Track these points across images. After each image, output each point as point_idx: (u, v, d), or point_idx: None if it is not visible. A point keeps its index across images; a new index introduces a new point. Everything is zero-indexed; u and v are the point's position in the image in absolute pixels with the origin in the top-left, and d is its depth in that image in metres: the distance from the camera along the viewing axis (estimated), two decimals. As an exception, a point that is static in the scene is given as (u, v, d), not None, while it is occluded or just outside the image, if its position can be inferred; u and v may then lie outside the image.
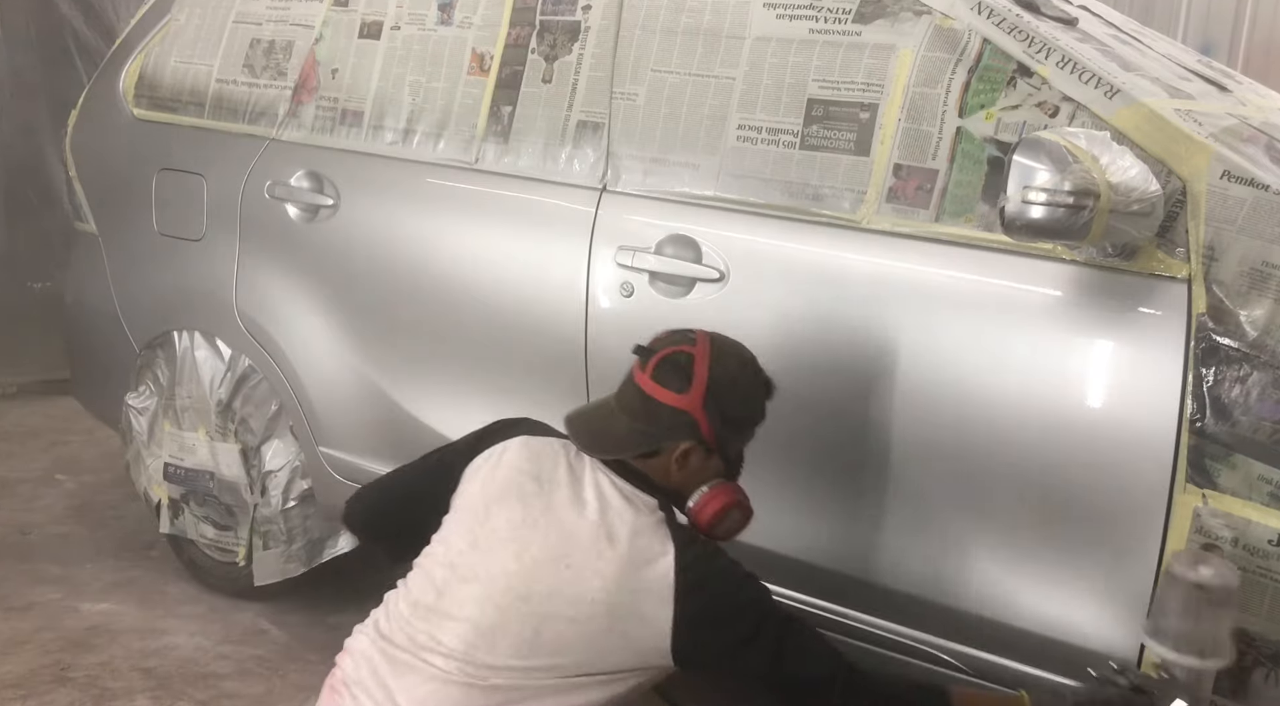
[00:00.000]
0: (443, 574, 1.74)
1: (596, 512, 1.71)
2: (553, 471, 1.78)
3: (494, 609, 1.67)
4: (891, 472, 2.03)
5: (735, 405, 1.80)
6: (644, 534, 1.70)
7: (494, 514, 1.75)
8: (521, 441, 1.83)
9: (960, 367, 1.94)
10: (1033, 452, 1.88)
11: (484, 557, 1.71)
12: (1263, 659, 1.69)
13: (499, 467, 1.80)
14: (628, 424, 1.79)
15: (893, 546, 2.04)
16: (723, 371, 1.78)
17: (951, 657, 1.99)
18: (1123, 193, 1.68)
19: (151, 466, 3.12)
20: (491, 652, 1.65)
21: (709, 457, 1.80)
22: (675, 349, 1.79)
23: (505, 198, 2.50)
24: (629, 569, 1.66)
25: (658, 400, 1.77)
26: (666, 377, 1.77)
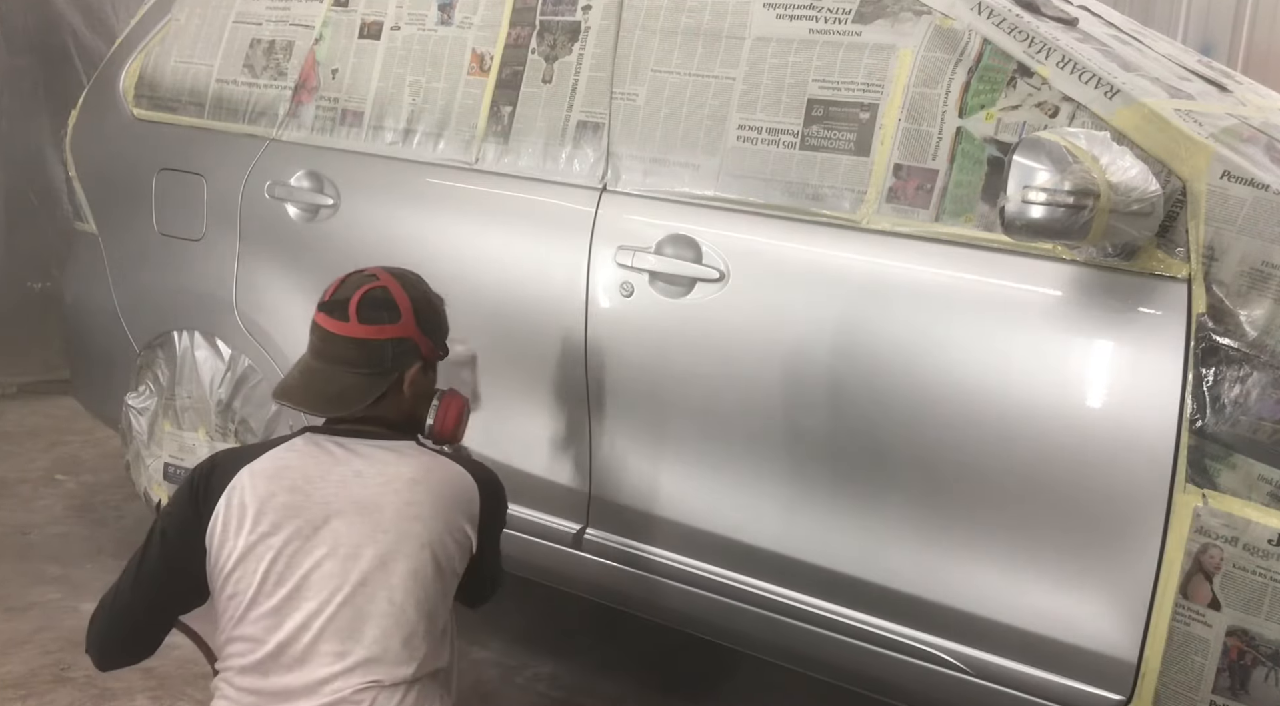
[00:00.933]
0: (268, 624, 1.69)
1: (378, 472, 1.77)
2: (302, 470, 1.76)
3: (346, 612, 1.68)
4: (891, 472, 2.03)
5: (436, 316, 1.94)
6: (433, 467, 1.81)
7: (277, 539, 1.71)
8: (247, 471, 1.75)
9: (960, 367, 1.94)
10: (1032, 452, 1.88)
11: (299, 580, 1.70)
12: (1263, 659, 1.69)
13: (246, 506, 1.72)
14: (352, 375, 1.82)
15: (891, 546, 2.04)
16: (415, 291, 1.90)
17: (950, 657, 1.99)
18: (1123, 193, 1.68)
19: (151, 466, 3.12)
20: (367, 649, 1.68)
21: (427, 373, 1.92)
22: (366, 288, 1.84)
23: (505, 198, 2.50)
24: (440, 500, 1.77)
25: (376, 339, 1.82)
26: (375, 315, 1.83)
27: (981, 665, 1.96)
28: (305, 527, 1.72)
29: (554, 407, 2.43)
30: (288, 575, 1.71)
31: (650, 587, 2.35)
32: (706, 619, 2.32)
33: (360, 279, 1.87)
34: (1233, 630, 1.70)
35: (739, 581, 2.23)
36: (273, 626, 1.70)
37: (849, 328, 2.05)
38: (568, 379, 2.38)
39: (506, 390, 2.48)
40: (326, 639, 1.69)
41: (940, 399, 1.95)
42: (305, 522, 1.72)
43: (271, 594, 1.71)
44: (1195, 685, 1.74)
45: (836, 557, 2.10)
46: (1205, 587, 1.73)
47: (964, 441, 1.94)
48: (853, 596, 2.10)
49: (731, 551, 2.23)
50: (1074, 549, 1.86)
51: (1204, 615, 1.73)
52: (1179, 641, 1.76)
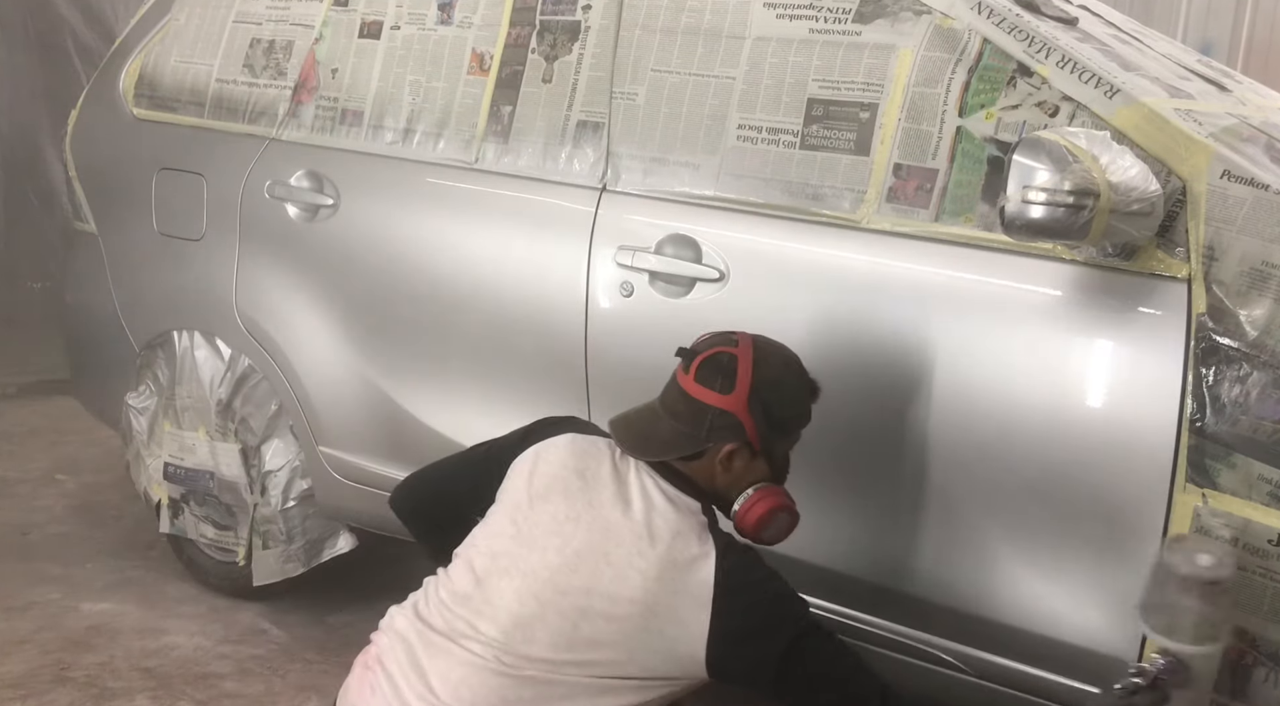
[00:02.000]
0: (484, 563, 1.75)
1: (640, 511, 1.71)
2: (597, 469, 1.78)
3: (533, 601, 1.68)
4: (891, 472, 2.03)
5: (779, 406, 1.79)
6: (685, 535, 1.69)
7: (537, 508, 1.76)
8: (568, 439, 1.84)
9: (960, 367, 1.94)
10: (1032, 452, 1.87)
11: (526, 550, 1.72)
12: (1263, 658, 1.69)
13: (544, 463, 1.81)
14: (671, 425, 1.78)
15: (891, 546, 2.04)
16: (767, 371, 1.77)
17: (953, 658, 1.99)
18: (1123, 192, 1.68)
19: (151, 466, 3.12)
20: (528, 644, 1.66)
21: (754, 460, 1.79)
22: (718, 350, 1.79)
23: (505, 197, 2.50)
24: (668, 569, 1.66)
25: (701, 401, 1.76)
26: (710, 378, 1.76)
27: (981, 665, 1.96)
28: (559, 513, 1.73)
29: (554, 407, 2.42)
30: (524, 539, 1.73)
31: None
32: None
33: (721, 338, 1.82)
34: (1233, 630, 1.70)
35: (739, 581, 2.23)
36: (487, 569, 1.73)
37: (849, 327, 2.05)
38: (568, 379, 2.38)
39: (506, 390, 2.48)
40: (504, 612, 1.68)
41: (940, 398, 1.95)
42: (560, 509, 1.74)
43: (505, 544, 1.74)
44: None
45: (835, 557, 2.10)
46: (1205, 587, 1.72)
47: (964, 441, 1.94)
48: (853, 596, 2.09)
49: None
50: (1074, 548, 1.86)
51: (1204, 615, 1.73)
52: (1179, 641, 1.75)
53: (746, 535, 1.79)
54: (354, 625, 2.94)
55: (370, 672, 1.75)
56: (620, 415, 1.86)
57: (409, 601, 1.82)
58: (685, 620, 1.64)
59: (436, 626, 1.73)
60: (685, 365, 1.80)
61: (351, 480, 2.75)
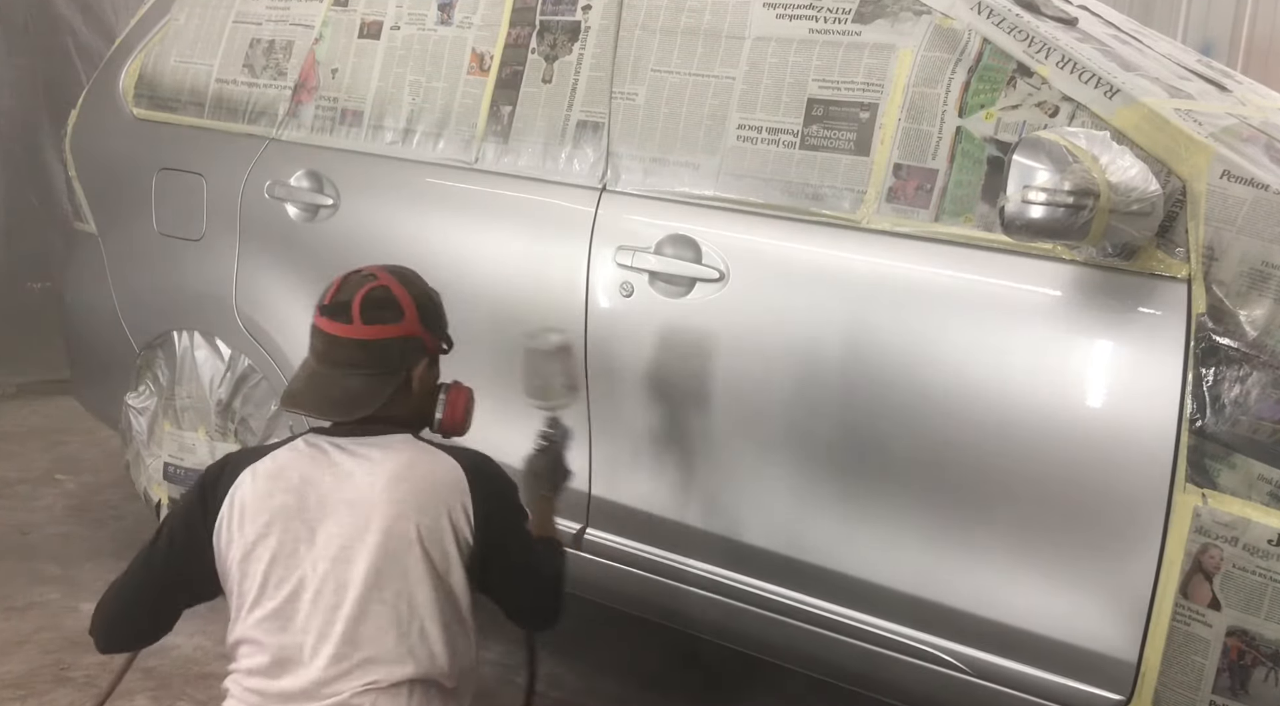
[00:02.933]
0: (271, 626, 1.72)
1: (367, 472, 1.75)
2: (301, 473, 1.76)
3: (342, 614, 1.69)
4: (890, 472, 2.03)
5: (436, 309, 1.92)
6: (419, 462, 1.78)
7: (275, 543, 1.72)
8: (248, 473, 1.77)
9: (960, 367, 1.94)
10: (1032, 452, 1.87)
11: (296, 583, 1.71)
12: (1262, 659, 1.69)
13: (247, 508, 1.74)
14: (362, 377, 1.80)
15: (892, 545, 2.04)
16: (414, 287, 1.88)
17: (951, 657, 1.99)
18: (1123, 192, 1.68)
19: (151, 466, 3.12)
20: (369, 648, 1.68)
21: (431, 367, 1.91)
22: (366, 289, 1.82)
23: (505, 197, 2.50)
24: (427, 494, 1.74)
25: (381, 339, 1.81)
26: (379, 315, 1.81)
27: (981, 665, 1.96)
28: (302, 529, 1.72)
29: (554, 407, 2.43)
30: (287, 577, 1.72)
31: (650, 588, 2.35)
32: (707, 619, 2.32)
33: (359, 279, 1.85)
34: (1233, 630, 1.70)
35: (739, 581, 2.23)
36: (274, 628, 1.71)
37: (849, 327, 2.05)
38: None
39: (506, 390, 2.48)
40: (324, 641, 1.69)
41: (940, 398, 1.95)
42: (302, 524, 1.73)
43: (273, 596, 1.72)
44: (1195, 685, 1.74)
45: (836, 557, 2.10)
46: (1205, 587, 1.73)
47: (964, 441, 1.94)
48: (853, 596, 2.10)
49: (731, 551, 2.23)
50: (1074, 548, 1.86)
51: (1204, 615, 1.73)
52: (1179, 641, 1.75)
53: (455, 432, 1.95)
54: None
55: None
56: (293, 392, 1.82)
57: None
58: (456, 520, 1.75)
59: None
60: (339, 316, 1.80)
61: (351, 480, 2.74)
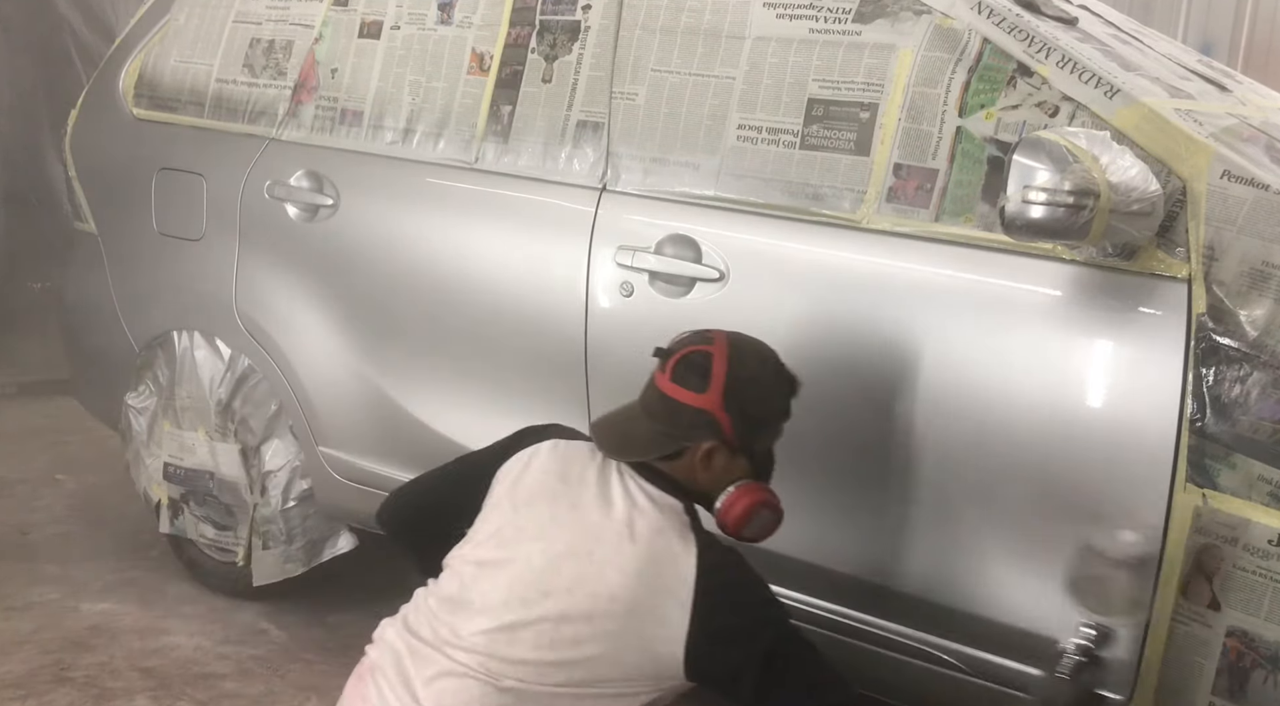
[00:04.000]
0: (470, 571, 1.76)
1: (622, 511, 1.71)
2: (581, 472, 1.79)
3: (518, 603, 1.68)
4: (890, 472, 2.03)
5: (756, 403, 1.78)
6: (666, 533, 1.69)
7: (521, 514, 1.77)
8: (551, 445, 1.85)
9: (960, 368, 1.94)
10: (1032, 452, 1.87)
11: (510, 555, 1.73)
12: (1262, 659, 1.69)
13: (528, 471, 1.82)
14: (649, 426, 1.79)
15: (890, 546, 2.04)
16: (741, 369, 1.77)
17: (951, 657, 1.99)
18: (1123, 192, 1.68)
19: (151, 466, 3.12)
20: (511, 646, 1.66)
21: (734, 458, 1.78)
22: (693, 349, 1.79)
23: (505, 197, 2.50)
24: (649, 566, 1.65)
25: (677, 400, 1.76)
26: (685, 377, 1.76)
27: (981, 665, 1.96)
28: (546, 517, 1.74)
29: (553, 408, 2.42)
30: (507, 544, 1.74)
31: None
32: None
33: (697, 337, 1.82)
34: (1233, 630, 1.70)
35: (739, 581, 2.23)
36: (472, 576, 1.74)
37: (849, 327, 2.05)
38: (567, 379, 2.38)
39: (506, 390, 2.48)
40: (490, 619, 1.68)
41: (940, 398, 1.95)
42: (550, 513, 1.74)
43: (490, 550, 1.76)
44: (1195, 685, 1.74)
45: (835, 557, 2.10)
46: (1205, 588, 1.73)
47: (963, 441, 1.94)
48: (852, 596, 2.09)
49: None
50: (1074, 548, 1.86)
51: (1204, 615, 1.73)
52: (1179, 641, 1.75)
53: (729, 533, 1.79)
54: (354, 625, 2.94)
55: (361, 683, 1.76)
56: (601, 417, 1.87)
57: (400, 612, 1.82)
58: (665, 618, 1.63)
59: (424, 636, 1.73)
60: (662, 365, 1.81)
61: (351, 480, 2.74)
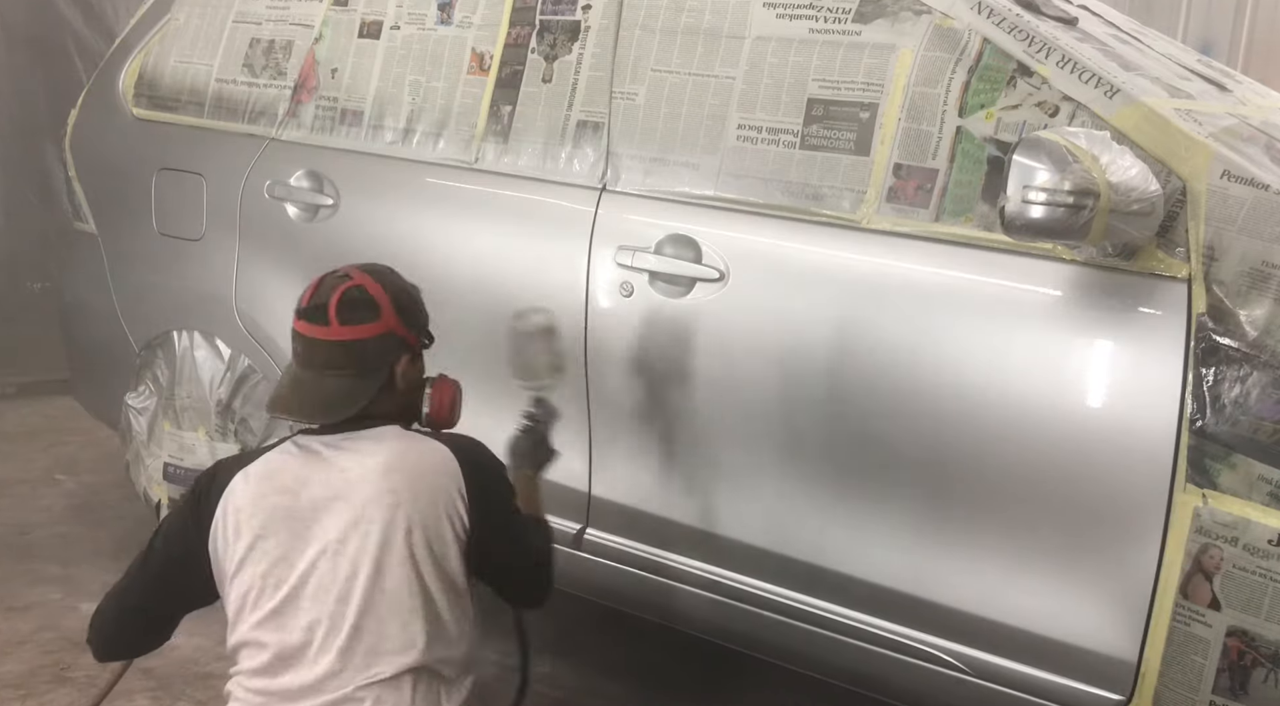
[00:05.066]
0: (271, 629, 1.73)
1: (358, 464, 1.75)
2: (294, 474, 1.77)
3: (346, 608, 1.69)
4: (891, 472, 2.03)
5: (414, 305, 1.91)
6: (408, 450, 1.79)
7: (270, 544, 1.73)
8: (239, 477, 1.78)
9: (960, 367, 1.94)
10: (1032, 452, 1.87)
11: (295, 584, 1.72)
12: (1262, 659, 1.69)
13: (241, 512, 1.75)
14: (344, 378, 1.81)
15: (891, 546, 2.04)
16: (391, 285, 1.87)
17: (951, 657, 1.99)
18: (1123, 192, 1.68)
19: (151, 466, 3.12)
20: (374, 642, 1.69)
21: (414, 362, 1.90)
22: (341, 290, 1.82)
23: (505, 197, 2.50)
24: (419, 480, 1.75)
25: (360, 339, 1.80)
26: (355, 316, 1.81)
27: (981, 665, 1.96)
28: (298, 528, 1.73)
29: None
30: (285, 577, 1.72)
31: (650, 588, 2.35)
32: (707, 619, 2.32)
33: (334, 280, 1.85)
34: (1233, 630, 1.70)
35: (739, 581, 2.23)
36: (275, 627, 1.72)
37: (849, 327, 2.05)
38: (567, 378, 2.37)
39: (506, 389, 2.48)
40: (326, 636, 1.70)
41: (940, 398, 1.95)
42: (297, 523, 1.73)
43: (272, 596, 1.73)
44: (1195, 685, 1.74)
45: (836, 557, 2.10)
46: (1205, 587, 1.73)
47: (964, 441, 1.94)
48: (852, 596, 2.09)
49: (731, 551, 2.23)
50: (1074, 548, 1.86)
51: (1204, 615, 1.73)
52: (1179, 641, 1.75)
53: (443, 425, 1.95)
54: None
55: None
56: (278, 400, 1.83)
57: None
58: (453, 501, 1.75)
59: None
60: (317, 319, 1.81)
61: (351, 480, 2.74)
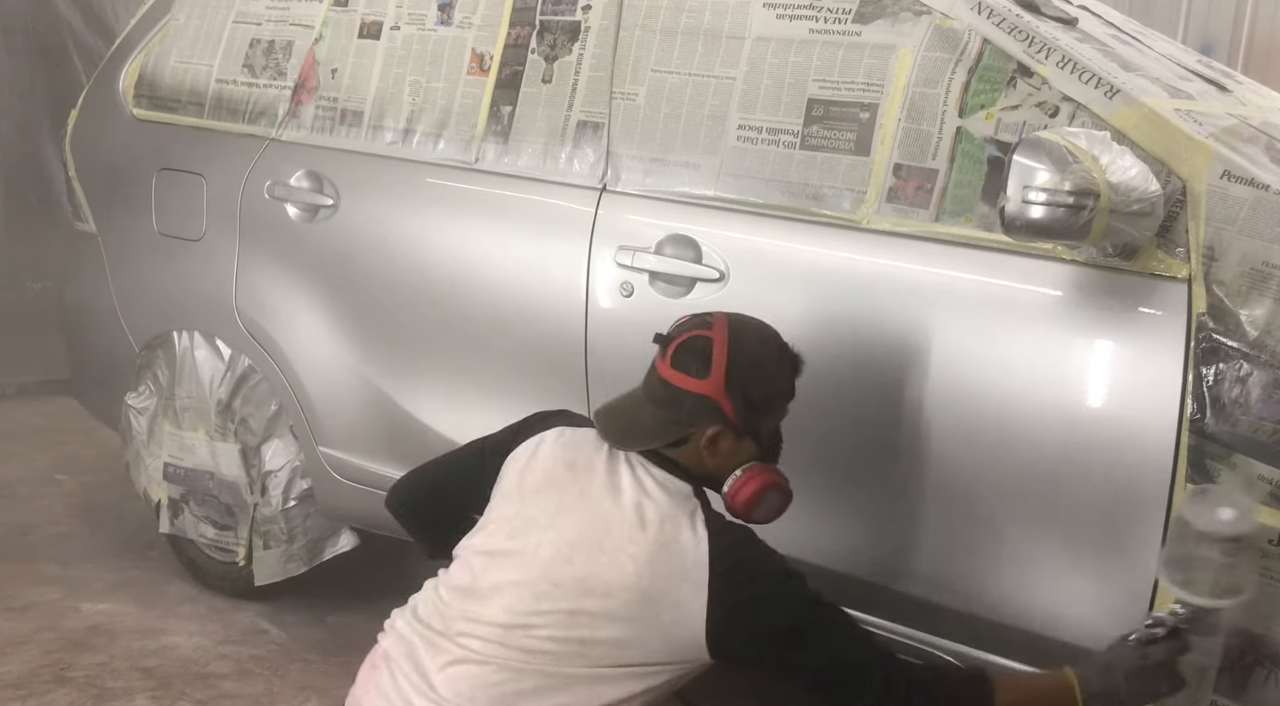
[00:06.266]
0: (480, 562, 1.76)
1: (631, 498, 1.71)
2: (589, 460, 1.79)
3: (530, 594, 1.68)
4: (891, 472, 2.03)
5: (758, 385, 1.77)
6: (676, 518, 1.68)
7: (530, 503, 1.77)
8: (557, 432, 1.86)
9: (960, 368, 1.94)
10: (1032, 452, 1.87)
11: (520, 545, 1.73)
12: (1263, 659, 1.69)
13: (536, 458, 1.82)
14: (653, 413, 1.78)
15: (891, 546, 2.04)
16: (741, 352, 1.75)
17: (952, 657, 1.99)
18: (1123, 193, 1.68)
19: (151, 466, 3.12)
20: (527, 636, 1.67)
21: (740, 441, 1.78)
22: (692, 334, 1.78)
23: (505, 197, 2.50)
24: (660, 553, 1.65)
25: (679, 387, 1.75)
26: (685, 363, 1.75)
27: (981, 665, 1.96)
28: (553, 506, 1.74)
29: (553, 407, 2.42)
30: (516, 535, 1.75)
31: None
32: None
33: (696, 321, 1.80)
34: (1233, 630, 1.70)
35: (739, 581, 2.23)
36: (484, 566, 1.75)
37: (849, 327, 2.05)
38: (568, 379, 2.38)
39: (506, 390, 2.48)
40: (503, 611, 1.69)
41: (940, 399, 1.95)
42: (557, 502, 1.75)
43: (499, 539, 1.76)
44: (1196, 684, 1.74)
45: (835, 557, 2.10)
46: (1205, 587, 1.72)
47: (965, 441, 1.94)
48: (853, 596, 2.09)
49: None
50: (1074, 548, 1.86)
51: (1204, 615, 1.73)
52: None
53: (738, 515, 1.78)
54: (354, 625, 2.94)
55: (375, 671, 1.77)
56: (605, 405, 1.86)
57: (410, 603, 1.83)
58: (680, 603, 1.63)
59: (436, 626, 1.74)
60: (662, 352, 1.80)
61: (351, 480, 2.74)
